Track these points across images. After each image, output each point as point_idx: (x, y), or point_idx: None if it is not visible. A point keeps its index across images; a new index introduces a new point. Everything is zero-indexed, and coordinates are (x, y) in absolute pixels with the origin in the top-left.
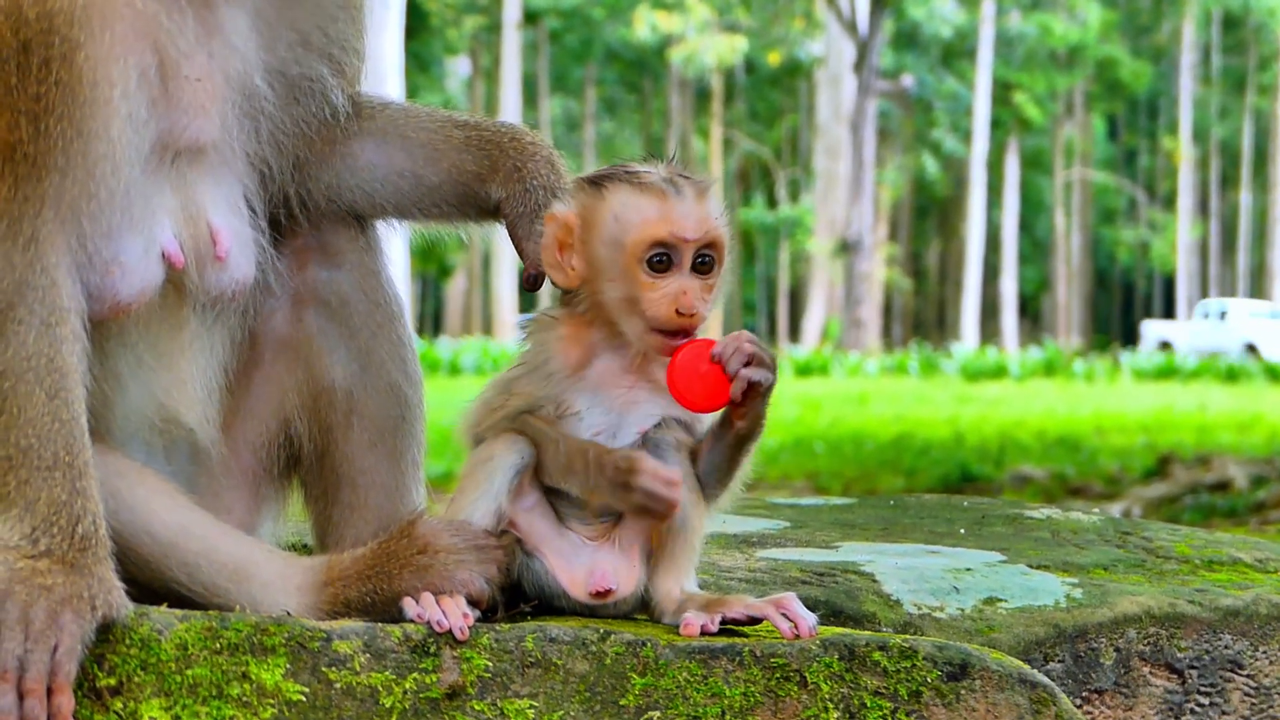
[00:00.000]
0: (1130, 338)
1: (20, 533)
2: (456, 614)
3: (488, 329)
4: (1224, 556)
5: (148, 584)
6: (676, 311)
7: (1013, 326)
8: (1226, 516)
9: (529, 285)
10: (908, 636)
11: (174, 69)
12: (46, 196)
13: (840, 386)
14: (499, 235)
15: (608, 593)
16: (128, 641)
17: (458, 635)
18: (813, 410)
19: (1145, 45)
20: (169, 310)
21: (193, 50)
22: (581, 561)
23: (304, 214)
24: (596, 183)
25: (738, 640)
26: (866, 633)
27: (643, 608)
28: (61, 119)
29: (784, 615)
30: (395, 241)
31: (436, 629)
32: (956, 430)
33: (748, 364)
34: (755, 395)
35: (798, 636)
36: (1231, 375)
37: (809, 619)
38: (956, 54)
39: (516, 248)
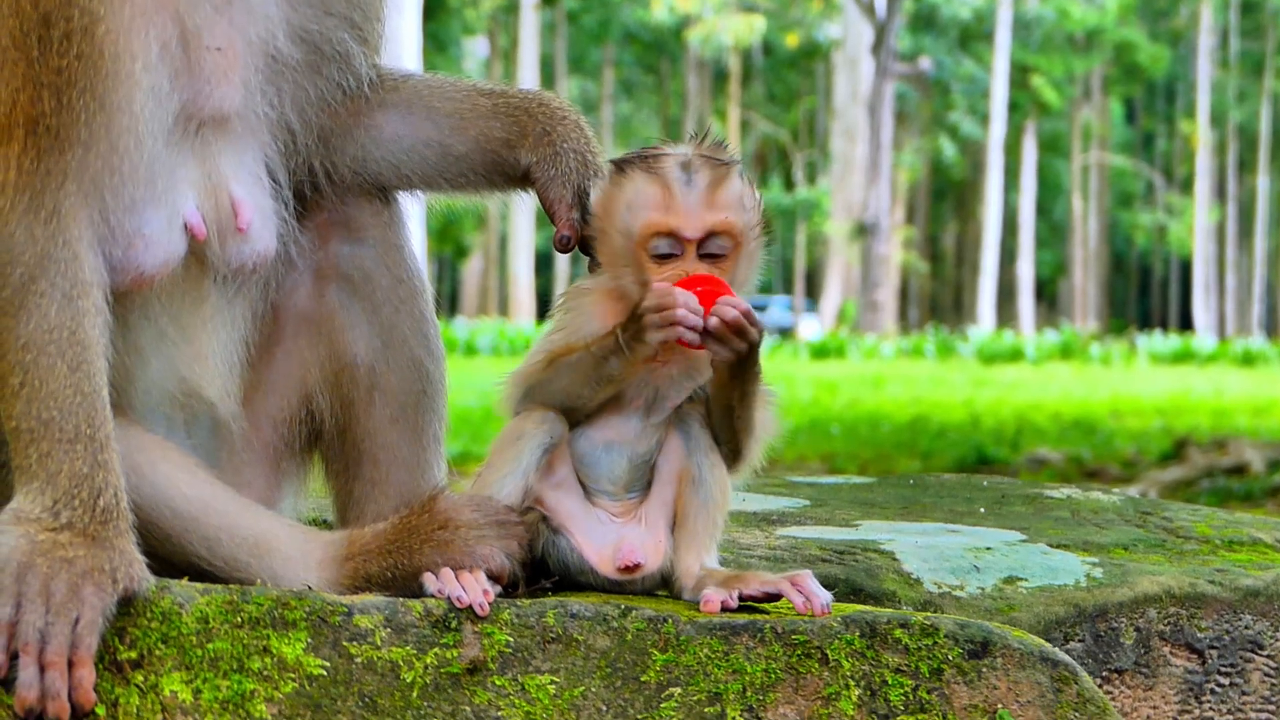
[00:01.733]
0: (1147, 321)
1: (42, 505)
2: (476, 589)
3: (504, 310)
4: (1244, 537)
5: (169, 558)
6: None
7: (1029, 310)
8: (1243, 500)
9: (560, 247)
10: (929, 614)
11: (195, 38)
12: (69, 170)
13: (856, 369)
14: (516, 215)
15: (636, 567)
16: (149, 615)
17: (478, 611)
18: (829, 392)
19: (1163, 29)
20: (191, 283)
21: (213, 18)
22: (608, 538)
23: (330, 186)
24: (621, 166)
25: (759, 617)
26: (888, 610)
27: (664, 584)
28: (84, 92)
29: (799, 591)
30: (412, 221)
31: (456, 604)
32: (973, 413)
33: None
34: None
35: (812, 614)
36: (1248, 359)
37: (823, 596)
38: (974, 36)
39: (548, 210)
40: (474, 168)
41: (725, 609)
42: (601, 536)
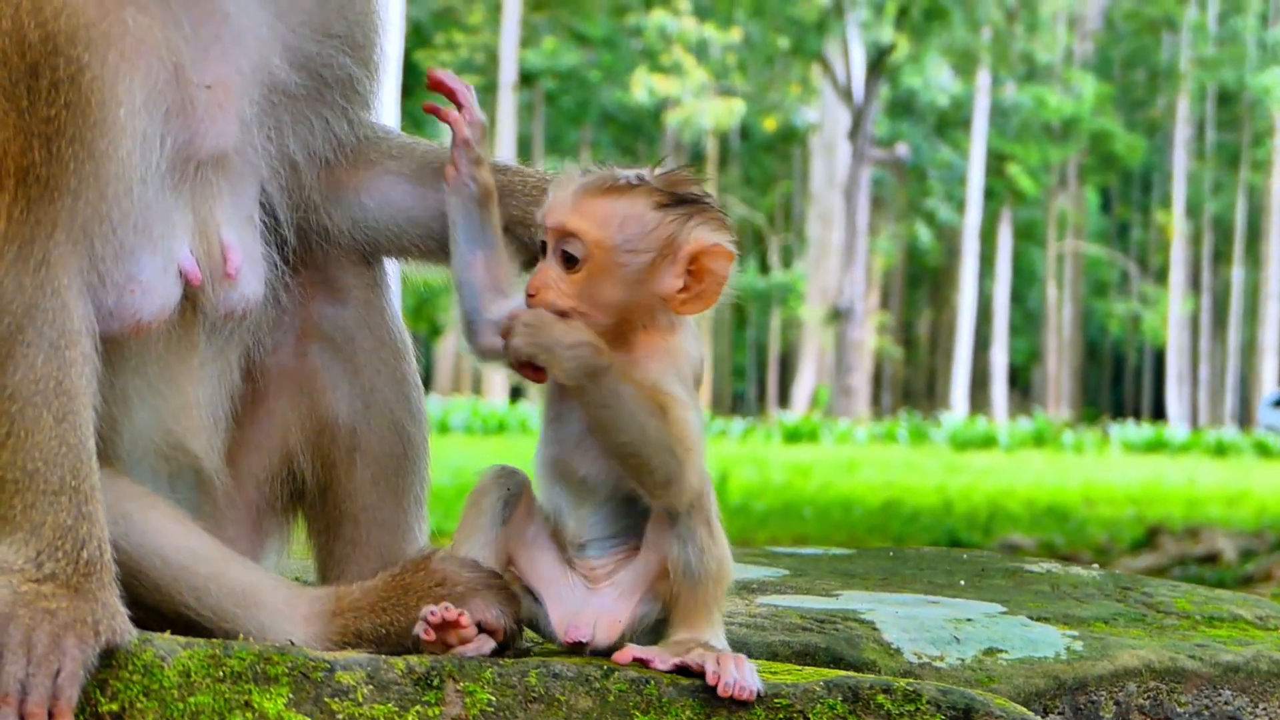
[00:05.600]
0: (1120, 410)
1: (25, 556)
2: (454, 613)
3: (477, 389)
4: (1224, 613)
5: (156, 607)
6: (528, 291)
7: (1002, 397)
8: (1214, 588)
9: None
10: (911, 680)
11: (186, 78)
12: (59, 219)
13: (829, 453)
14: None
15: (580, 645)
16: (130, 667)
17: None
18: (802, 476)
19: (1139, 119)
20: (181, 331)
21: (204, 54)
22: (571, 605)
23: (322, 243)
24: None
25: None
26: (870, 676)
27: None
28: (73, 141)
29: (724, 666)
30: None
31: (458, 623)
32: (945, 498)
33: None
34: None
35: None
36: (1221, 449)
37: (750, 682)
38: (951, 123)
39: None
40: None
41: (648, 666)
42: (567, 603)
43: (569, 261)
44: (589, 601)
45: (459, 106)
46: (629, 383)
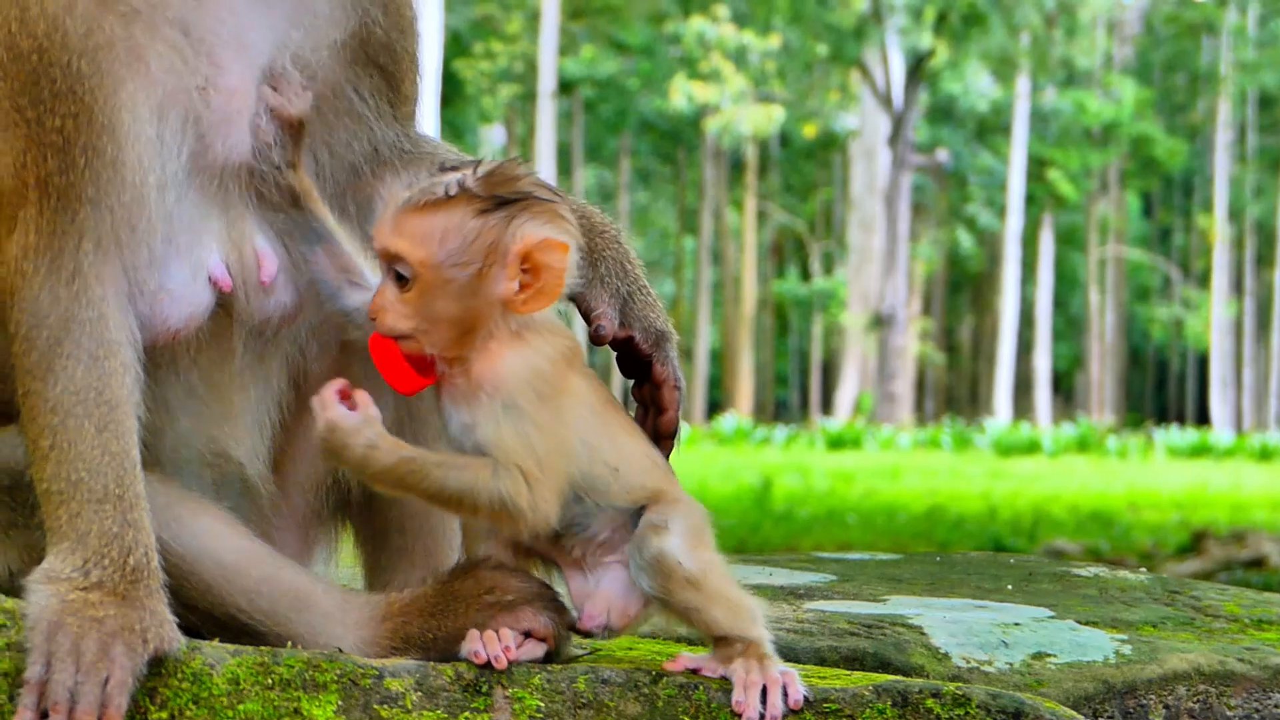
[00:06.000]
0: (1164, 415)
1: (72, 565)
2: (496, 646)
3: None
4: (1274, 616)
5: (208, 610)
6: (369, 315)
7: (1046, 402)
8: (1262, 592)
9: (595, 338)
10: (960, 684)
11: (192, 86)
12: (84, 229)
13: (873, 459)
14: None
15: (592, 631)
16: (179, 675)
17: (495, 665)
18: (845, 482)
19: (1180, 123)
20: (218, 338)
21: (208, 64)
22: (578, 591)
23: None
24: None
25: None
26: (919, 680)
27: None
28: (85, 149)
29: (753, 700)
30: None
31: (476, 660)
32: (990, 504)
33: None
34: None
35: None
36: (1266, 454)
37: (775, 711)
38: (991, 129)
39: (585, 314)
40: None
41: (694, 673)
42: (574, 588)
43: (401, 281)
44: (599, 585)
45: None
46: (432, 461)
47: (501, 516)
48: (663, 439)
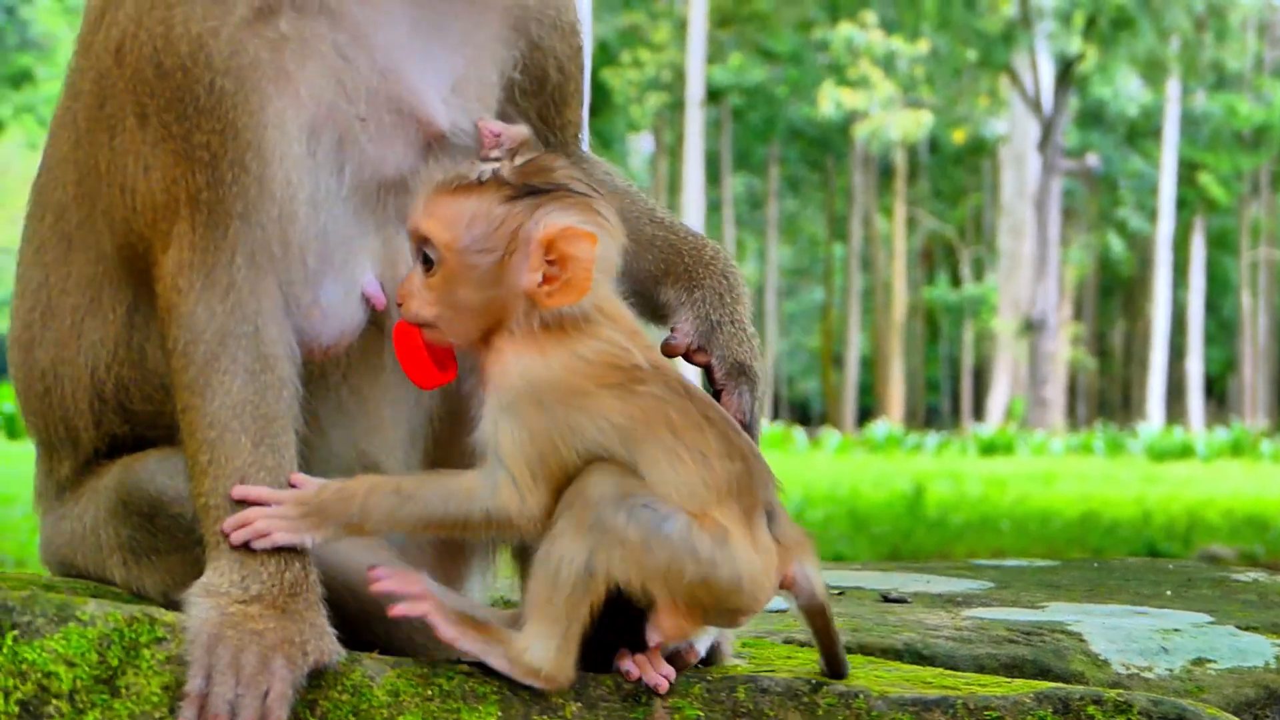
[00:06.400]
0: None
1: (231, 579)
2: (656, 675)
3: None
4: None
5: (362, 626)
6: (396, 300)
7: (1198, 407)
8: None
9: (665, 349)
10: (1122, 691)
11: (345, 107)
12: (236, 244)
13: (1025, 465)
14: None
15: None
16: (339, 688)
17: (657, 690)
18: (998, 488)
19: None
20: (368, 353)
21: (362, 85)
22: None
23: None
24: None
25: (950, 692)
26: (1080, 687)
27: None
28: (233, 165)
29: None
30: None
31: (656, 690)
32: (1144, 509)
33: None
34: None
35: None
36: None
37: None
38: (1142, 133)
39: (681, 329)
40: (624, 290)
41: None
42: None
43: (428, 265)
44: None
45: None
46: (393, 492)
47: (494, 526)
48: None
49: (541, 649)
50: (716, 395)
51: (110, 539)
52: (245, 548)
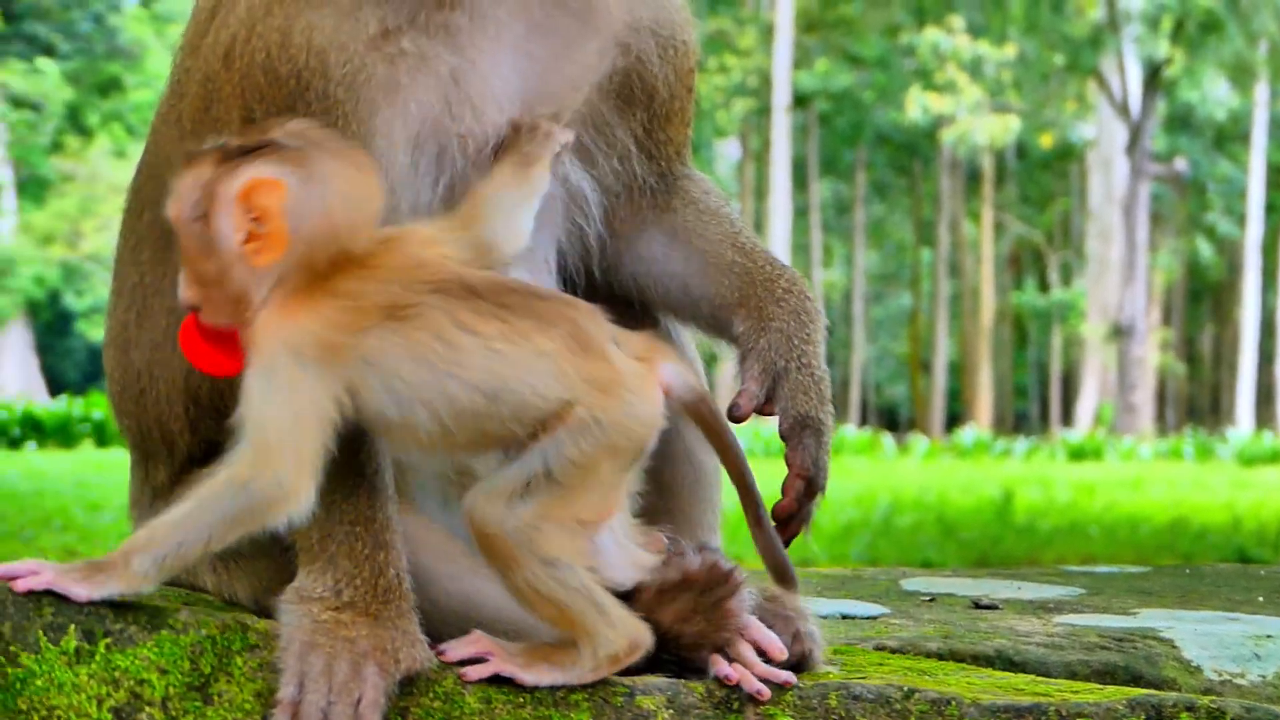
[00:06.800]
0: None
1: (323, 585)
2: (755, 681)
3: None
4: None
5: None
6: None
7: None
8: None
9: (730, 415)
10: (1214, 698)
11: (446, 122)
12: None
13: (1114, 471)
14: None
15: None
16: (431, 694)
17: (759, 696)
18: (1087, 494)
19: None
20: None
21: (464, 103)
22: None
23: (611, 285)
24: None
25: (1042, 699)
26: (1172, 694)
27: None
28: None
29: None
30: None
31: (759, 699)
32: (1234, 514)
33: None
34: None
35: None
36: None
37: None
38: (1230, 137)
39: (743, 380)
40: (698, 313)
41: None
42: None
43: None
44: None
45: None
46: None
47: (262, 512)
48: (779, 525)
49: (605, 638)
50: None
51: None
52: (339, 552)
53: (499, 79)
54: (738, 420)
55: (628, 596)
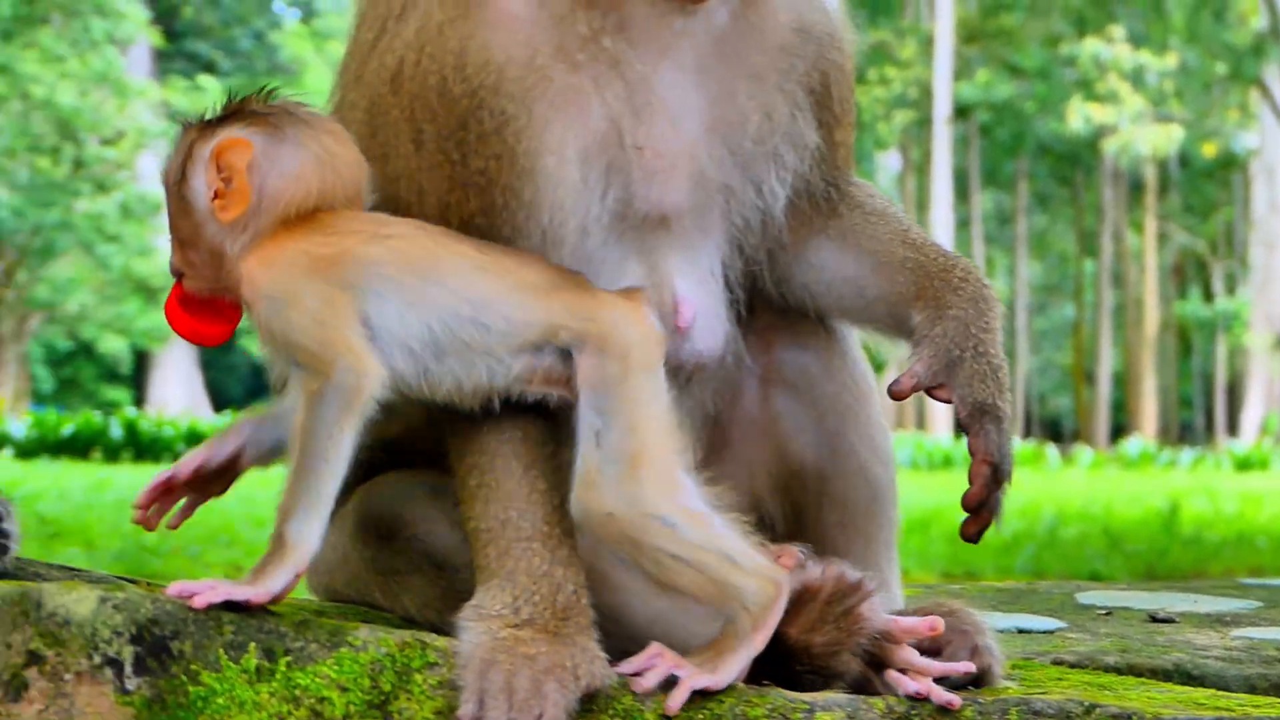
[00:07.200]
0: None
1: (501, 602)
2: (944, 693)
3: (921, 423)
4: None
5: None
6: None
7: None
8: None
9: (890, 392)
10: None
11: (617, 136)
12: None
13: None
14: None
15: None
16: (611, 711)
17: (951, 706)
18: (1254, 505)
19: None
20: None
21: (635, 115)
22: None
23: (781, 294)
24: None
25: (1224, 714)
26: None
27: None
28: (505, 191)
29: None
30: None
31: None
32: None
33: None
34: None
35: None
36: None
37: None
38: None
39: (911, 362)
40: (875, 313)
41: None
42: None
43: None
44: None
45: None
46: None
47: (349, 405)
48: (970, 514)
49: (749, 589)
50: (963, 432)
51: (360, 562)
52: (517, 569)
53: (674, 92)
54: (894, 397)
55: None
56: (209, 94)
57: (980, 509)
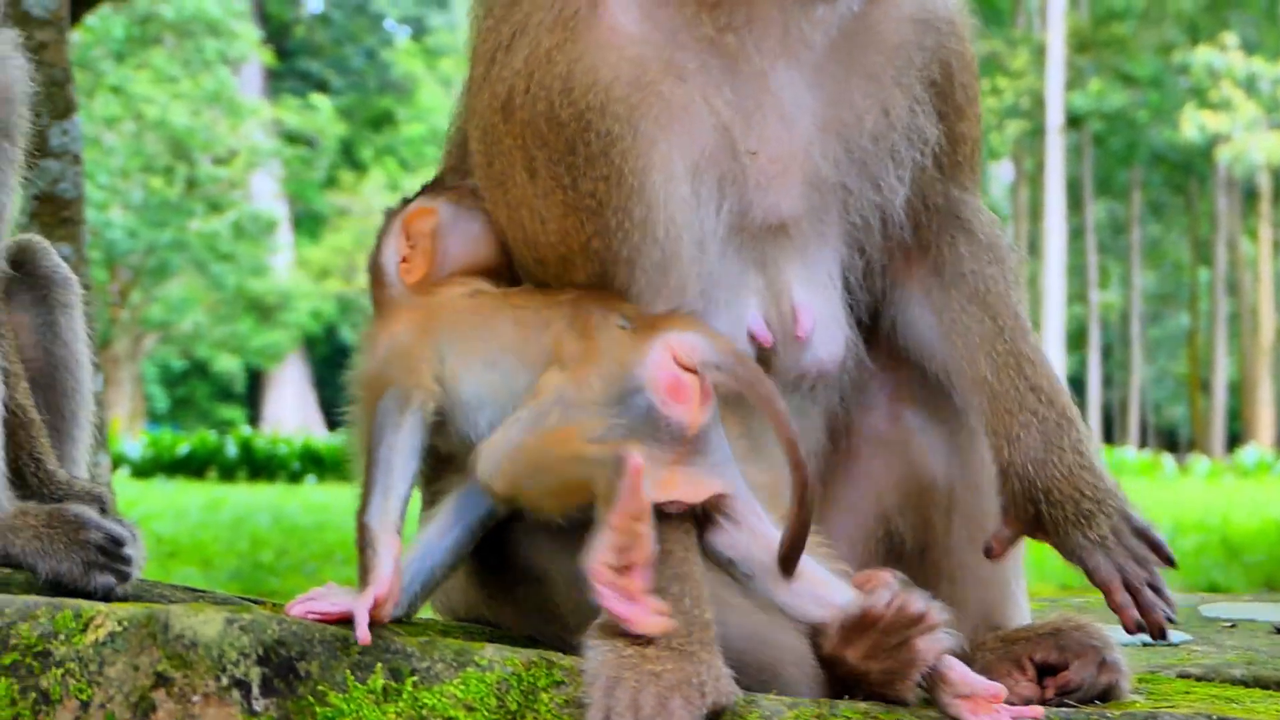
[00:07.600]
0: None
1: None
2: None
3: None
4: None
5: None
6: None
7: None
8: None
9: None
10: None
11: (733, 145)
12: (625, 290)
13: None
14: None
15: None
16: None
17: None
18: None
19: None
20: None
21: (747, 123)
22: None
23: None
24: None
25: None
26: None
27: None
28: (617, 212)
29: None
30: None
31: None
32: None
33: None
34: None
35: None
36: None
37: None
38: None
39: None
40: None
41: None
42: None
43: None
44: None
45: None
46: None
47: (400, 410)
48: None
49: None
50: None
51: (463, 576)
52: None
53: (788, 101)
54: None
55: (816, 633)
56: (321, 112)
57: (1148, 627)
